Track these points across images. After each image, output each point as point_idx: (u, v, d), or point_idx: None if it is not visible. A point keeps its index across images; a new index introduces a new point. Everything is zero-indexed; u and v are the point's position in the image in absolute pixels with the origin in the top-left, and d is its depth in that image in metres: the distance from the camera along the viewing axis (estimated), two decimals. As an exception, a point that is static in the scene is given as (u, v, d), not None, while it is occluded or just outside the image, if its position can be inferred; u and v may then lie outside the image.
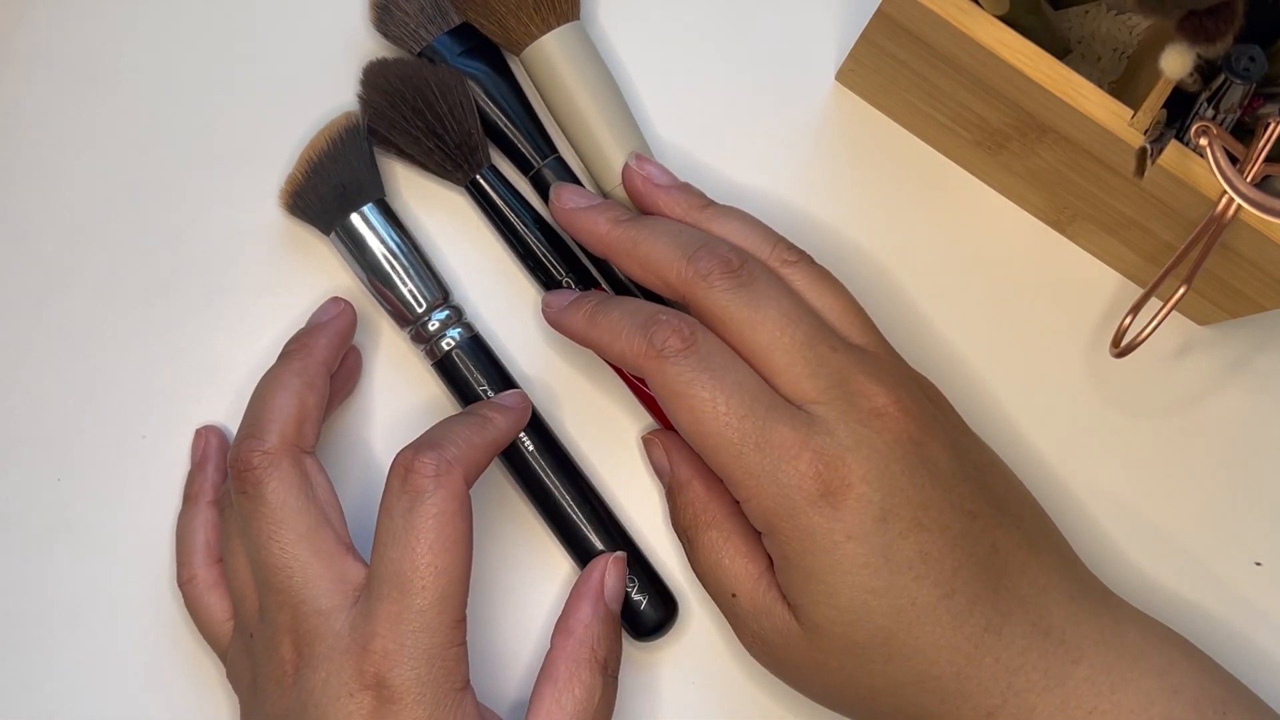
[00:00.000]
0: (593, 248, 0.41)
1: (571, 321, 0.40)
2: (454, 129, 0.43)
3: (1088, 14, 0.46)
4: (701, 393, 0.36)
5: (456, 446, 0.37)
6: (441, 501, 0.36)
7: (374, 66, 0.44)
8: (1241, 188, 0.36)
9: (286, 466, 0.38)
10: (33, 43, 0.46)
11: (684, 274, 0.38)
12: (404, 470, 0.37)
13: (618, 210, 0.41)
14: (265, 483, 0.37)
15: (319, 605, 0.36)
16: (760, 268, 0.38)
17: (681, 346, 0.37)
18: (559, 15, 0.44)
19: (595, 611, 0.39)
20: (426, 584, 0.35)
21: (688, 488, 0.40)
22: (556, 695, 0.38)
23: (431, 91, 0.42)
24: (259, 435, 0.38)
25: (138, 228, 0.46)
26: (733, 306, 0.37)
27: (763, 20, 0.48)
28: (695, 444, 0.37)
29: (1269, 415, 0.47)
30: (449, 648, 0.36)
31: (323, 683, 0.35)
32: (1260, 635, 0.45)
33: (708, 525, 0.39)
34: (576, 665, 0.38)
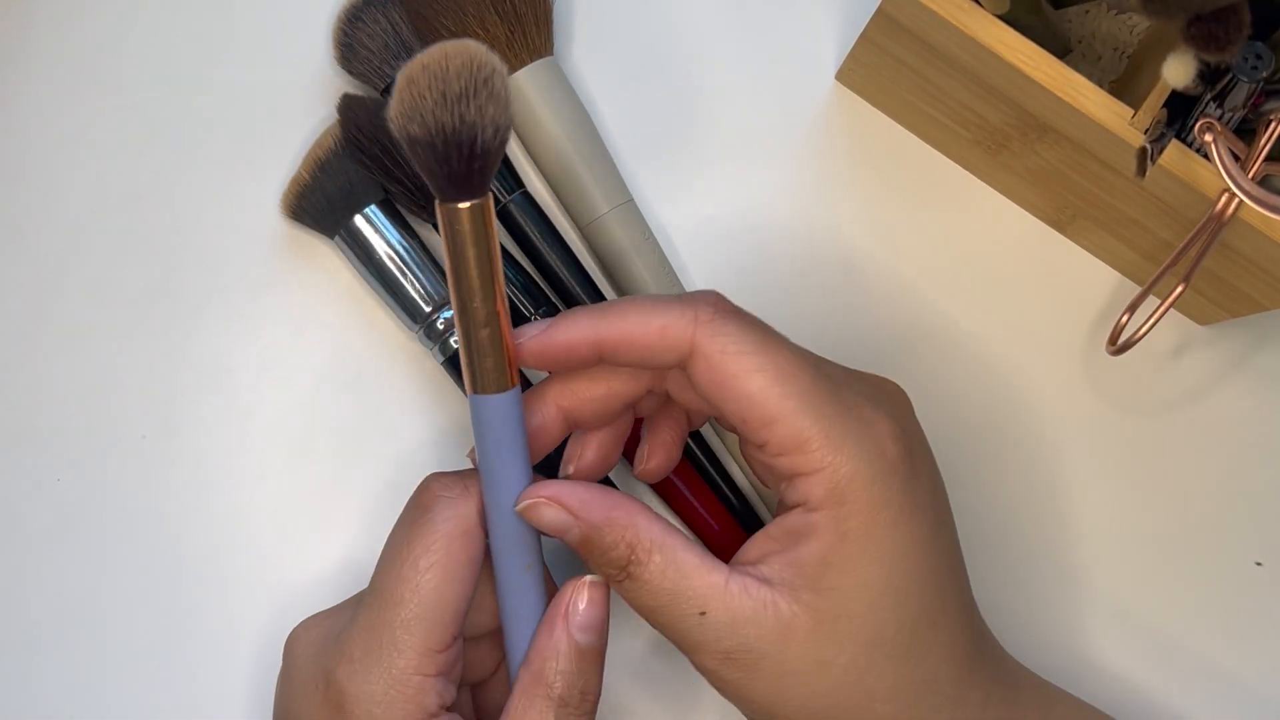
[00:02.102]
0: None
1: (573, 326, 0.35)
2: (413, 173, 0.42)
3: (1088, 13, 0.46)
4: (770, 349, 0.34)
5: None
6: (447, 522, 0.35)
7: (342, 104, 0.43)
8: (1245, 184, 0.36)
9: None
10: (33, 43, 0.46)
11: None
12: (422, 487, 0.36)
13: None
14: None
15: (347, 606, 0.37)
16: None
17: (731, 307, 0.34)
18: (532, 51, 0.44)
19: (554, 642, 0.35)
20: (406, 599, 0.34)
21: (608, 526, 0.34)
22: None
23: (389, 138, 0.42)
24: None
25: (137, 228, 0.46)
26: (746, 327, 0.35)
27: (763, 20, 0.48)
28: (762, 412, 0.33)
29: (1268, 415, 0.47)
30: (414, 675, 0.34)
31: (304, 668, 0.36)
32: (1260, 635, 0.45)
33: (649, 550, 0.34)
34: (529, 702, 0.35)
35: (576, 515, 0.35)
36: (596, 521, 0.34)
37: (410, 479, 0.44)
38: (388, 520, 0.44)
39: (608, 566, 0.35)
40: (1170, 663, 0.45)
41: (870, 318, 0.46)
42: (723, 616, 0.34)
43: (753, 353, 0.34)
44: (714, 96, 0.47)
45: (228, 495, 0.44)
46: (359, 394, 0.45)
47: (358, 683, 0.34)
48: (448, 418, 0.45)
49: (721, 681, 0.35)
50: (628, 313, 0.35)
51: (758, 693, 0.34)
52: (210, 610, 0.44)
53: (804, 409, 0.33)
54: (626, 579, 0.35)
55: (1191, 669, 0.45)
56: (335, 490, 0.44)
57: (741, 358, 0.34)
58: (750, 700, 0.35)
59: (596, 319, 0.35)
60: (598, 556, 0.35)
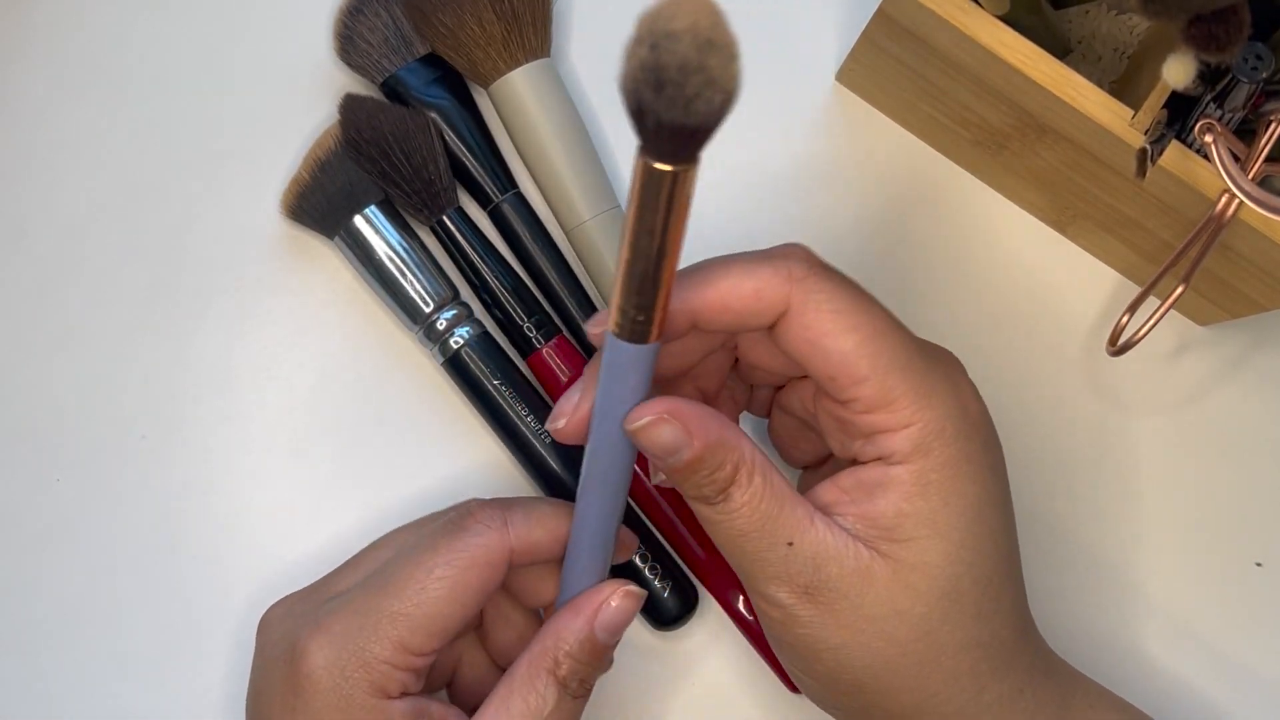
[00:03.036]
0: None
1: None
2: (410, 176, 0.43)
3: (1088, 14, 0.46)
4: (863, 308, 0.34)
5: (525, 518, 0.36)
6: (474, 547, 0.35)
7: (343, 104, 0.43)
8: (1245, 185, 0.36)
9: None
10: (33, 43, 0.46)
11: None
12: (464, 508, 0.37)
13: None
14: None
15: (336, 586, 0.37)
16: None
17: (819, 264, 0.34)
18: (528, 51, 0.44)
19: (577, 632, 0.36)
20: (406, 596, 0.35)
21: (720, 446, 0.34)
22: (507, 696, 0.36)
23: (387, 140, 0.42)
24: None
25: (138, 227, 0.46)
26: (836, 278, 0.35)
27: (763, 20, 0.48)
28: (854, 370, 0.34)
29: (1268, 415, 0.47)
30: (383, 664, 0.34)
31: (275, 642, 0.36)
32: (1261, 635, 0.45)
33: (750, 474, 0.34)
34: (536, 671, 0.36)
35: (693, 433, 0.34)
36: (711, 441, 0.34)
37: (410, 479, 0.44)
38: (387, 520, 0.44)
39: (708, 486, 0.34)
40: (1169, 661, 0.45)
41: (870, 318, 0.46)
42: (809, 550, 0.34)
43: (847, 311, 0.34)
44: (714, 96, 0.47)
45: (228, 495, 0.44)
46: (359, 394, 0.45)
47: (328, 653, 0.34)
48: (448, 418, 0.45)
49: (792, 618, 0.34)
50: (718, 278, 0.34)
51: (829, 634, 0.34)
52: (210, 610, 0.44)
53: (894, 368, 0.34)
54: (724, 500, 0.34)
55: (1191, 668, 0.45)
56: (335, 490, 0.44)
57: (837, 316, 0.34)
58: (819, 642, 0.35)
59: (687, 290, 0.34)
60: (702, 476, 0.34)
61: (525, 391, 0.43)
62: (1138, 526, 0.46)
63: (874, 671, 0.34)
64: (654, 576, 0.42)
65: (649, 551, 0.42)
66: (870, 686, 0.35)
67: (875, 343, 0.34)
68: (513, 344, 0.44)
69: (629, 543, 0.39)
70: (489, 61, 0.44)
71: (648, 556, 0.42)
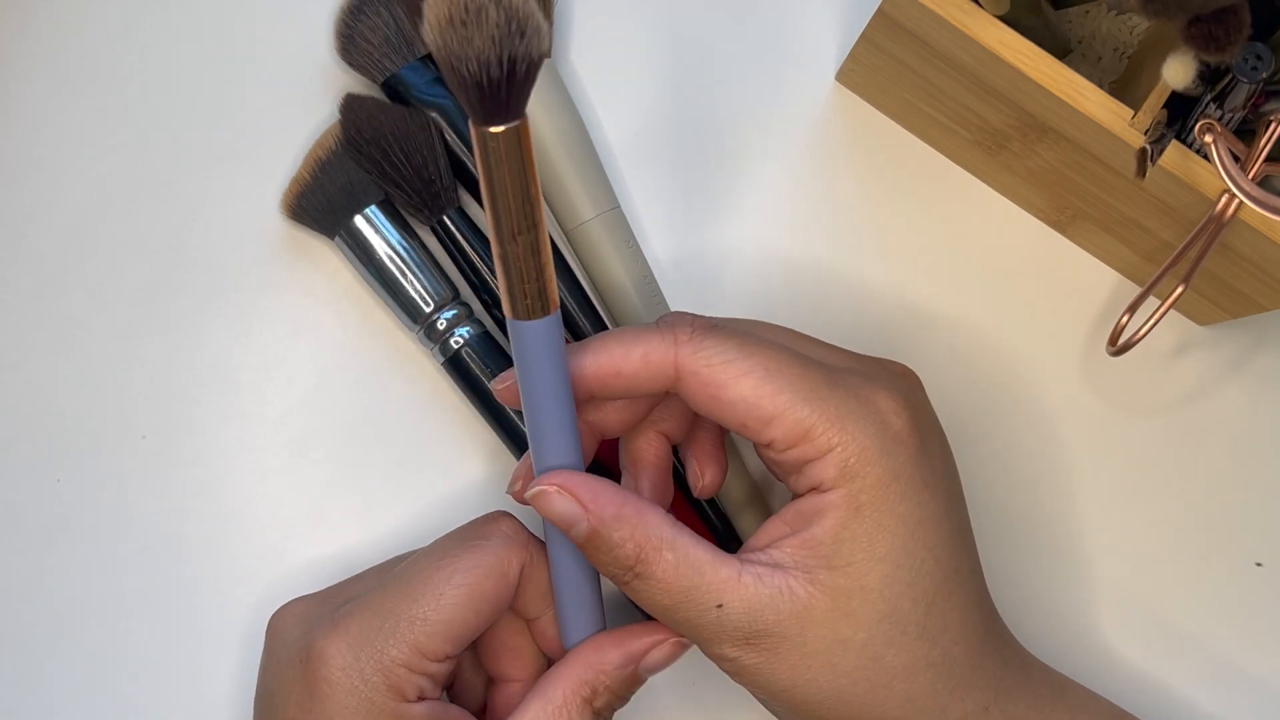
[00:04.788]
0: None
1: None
2: (411, 176, 0.43)
3: (1088, 14, 0.46)
4: (752, 351, 0.34)
5: (542, 554, 0.37)
6: (492, 555, 0.36)
7: (343, 104, 0.43)
8: (1245, 185, 0.36)
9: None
10: (33, 44, 0.46)
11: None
12: (490, 517, 0.37)
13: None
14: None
15: (351, 591, 0.37)
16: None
17: (707, 325, 0.35)
18: None
19: (622, 666, 0.37)
20: (424, 600, 0.35)
21: (616, 522, 0.34)
22: (543, 717, 0.36)
23: (387, 140, 0.42)
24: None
25: (138, 227, 0.46)
26: (730, 323, 0.36)
27: (763, 21, 0.48)
28: (759, 412, 0.34)
29: (1268, 415, 0.47)
30: (400, 667, 0.35)
31: (290, 643, 0.36)
32: (1261, 636, 0.45)
33: (659, 548, 0.34)
34: (574, 698, 0.36)
35: (587, 507, 0.34)
36: (606, 517, 0.34)
37: (410, 479, 0.44)
38: (388, 520, 0.44)
39: (614, 565, 0.34)
40: (1170, 662, 0.45)
41: (870, 318, 0.46)
42: (739, 606, 0.34)
43: (736, 359, 0.34)
44: (714, 97, 0.47)
45: (228, 495, 0.44)
46: (359, 394, 0.45)
47: (346, 656, 0.34)
48: (448, 418, 0.45)
49: (740, 668, 0.35)
50: (606, 348, 0.35)
51: (778, 676, 0.35)
52: (210, 609, 0.44)
53: (799, 399, 0.34)
54: (635, 579, 0.34)
55: (1191, 669, 0.45)
56: (335, 490, 0.44)
57: (726, 366, 0.34)
58: (770, 684, 0.35)
59: (578, 358, 0.35)
60: (604, 554, 0.34)
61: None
62: (1138, 526, 0.46)
63: (828, 704, 0.35)
64: None
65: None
66: (828, 718, 0.35)
67: (773, 381, 0.34)
68: (513, 344, 0.44)
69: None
70: None
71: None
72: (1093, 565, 0.45)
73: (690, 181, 0.47)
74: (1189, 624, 0.45)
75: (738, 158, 0.47)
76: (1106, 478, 0.46)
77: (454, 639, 0.35)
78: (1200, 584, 0.46)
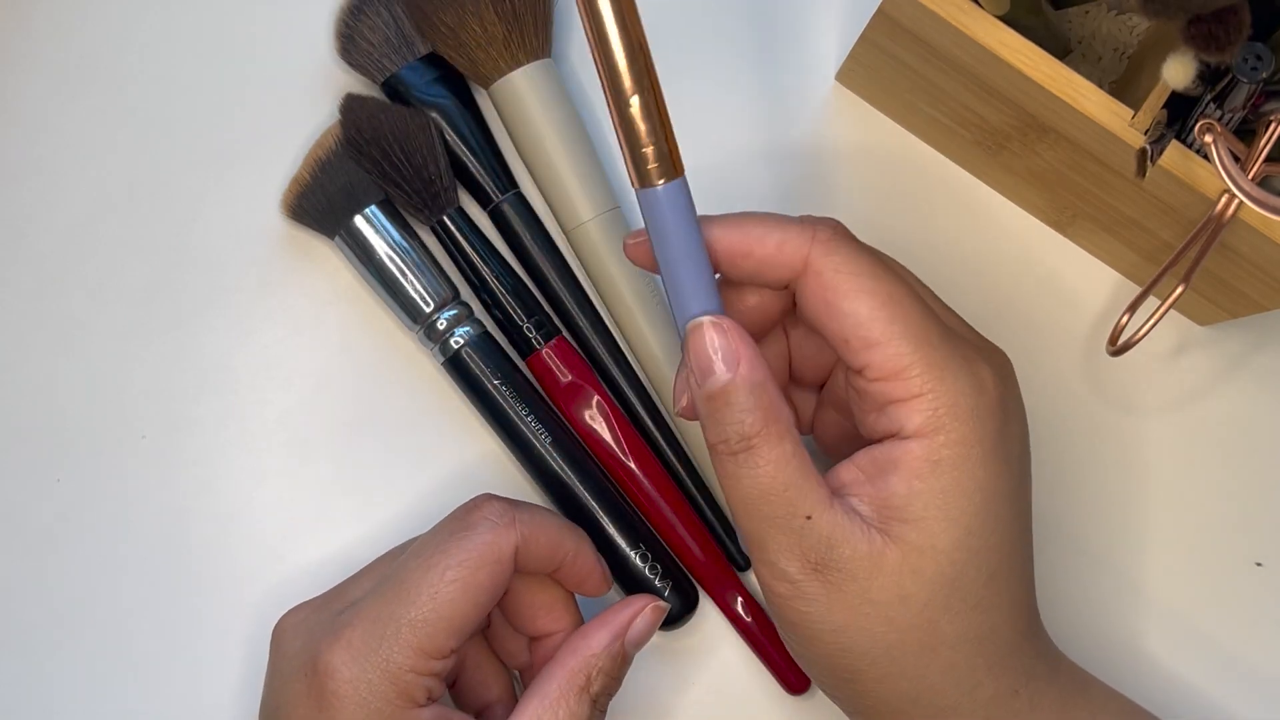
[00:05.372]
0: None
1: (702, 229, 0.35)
2: (411, 176, 0.43)
3: (1088, 14, 0.46)
4: (882, 275, 0.34)
5: (530, 516, 0.37)
6: (482, 545, 0.36)
7: (343, 104, 0.44)
8: (1245, 185, 0.36)
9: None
10: (33, 44, 0.46)
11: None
12: (473, 504, 0.37)
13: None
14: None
15: (349, 595, 0.37)
16: None
17: (846, 233, 0.35)
18: (529, 52, 0.44)
19: (610, 646, 0.37)
20: (421, 602, 0.35)
21: (762, 389, 0.33)
22: (540, 712, 0.36)
23: (388, 140, 0.42)
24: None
25: (138, 227, 0.46)
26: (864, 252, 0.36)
27: (763, 21, 0.48)
28: (866, 333, 0.34)
29: (1268, 415, 0.47)
30: (407, 673, 0.35)
31: (293, 655, 0.36)
32: (1261, 635, 0.45)
33: (782, 434, 0.33)
34: (569, 688, 0.36)
35: (740, 359, 0.33)
36: (755, 378, 0.33)
37: (410, 479, 0.44)
38: (387, 520, 0.44)
39: (733, 428, 0.33)
40: (1170, 662, 0.45)
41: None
42: (825, 527, 0.33)
43: (865, 275, 0.34)
44: (714, 97, 0.47)
45: (228, 495, 0.44)
46: (359, 394, 0.45)
47: (352, 667, 0.34)
48: (448, 418, 0.45)
49: (798, 594, 0.34)
50: (744, 225, 0.35)
51: (833, 615, 0.34)
52: (211, 610, 0.44)
53: (908, 336, 0.34)
54: (745, 451, 0.34)
55: (1191, 668, 0.45)
56: (335, 490, 0.44)
57: (853, 278, 0.34)
58: (822, 621, 0.34)
59: (717, 230, 0.35)
60: (730, 413, 0.33)
61: (525, 392, 0.43)
62: (1138, 526, 0.46)
63: (872, 656, 0.34)
64: (654, 576, 0.42)
65: (649, 551, 0.42)
66: (867, 672, 0.35)
67: (890, 309, 0.34)
68: (512, 344, 0.44)
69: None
70: (490, 62, 0.44)
71: (648, 556, 0.42)
72: (1092, 565, 0.45)
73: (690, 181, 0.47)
74: (1189, 624, 0.45)
75: (738, 157, 0.47)
76: (1106, 478, 0.46)
77: (456, 633, 0.35)
78: (1200, 584, 0.46)
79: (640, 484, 0.43)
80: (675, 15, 0.47)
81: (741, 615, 0.43)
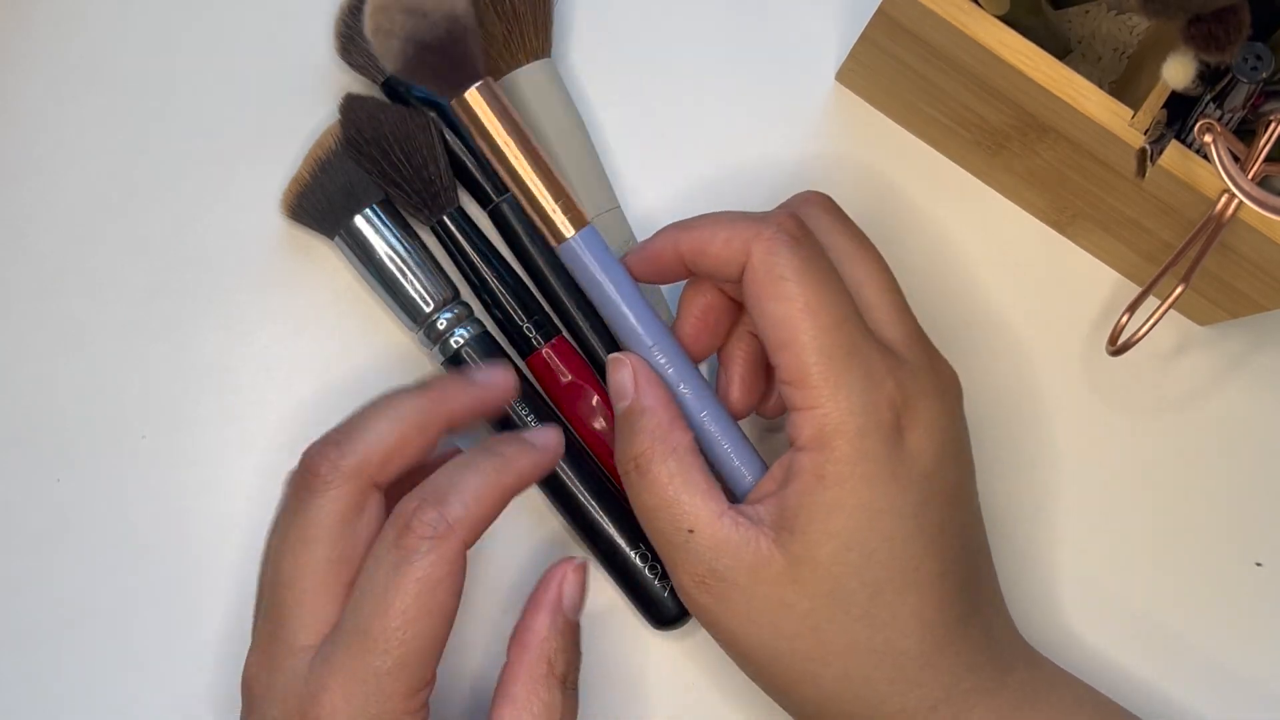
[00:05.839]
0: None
1: (660, 237, 0.39)
2: (411, 176, 0.43)
3: (1088, 14, 0.46)
4: (808, 282, 0.35)
5: (463, 504, 0.35)
6: (429, 567, 0.34)
7: (343, 104, 0.43)
8: (1245, 185, 0.36)
9: (348, 491, 0.36)
10: (33, 44, 0.46)
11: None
12: (402, 524, 0.34)
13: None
14: (319, 495, 0.36)
15: (296, 640, 0.35)
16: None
17: (798, 234, 0.36)
18: (529, 52, 0.44)
19: (553, 623, 0.37)
20: (390, 648, 0.33)
21: (650, 413, 0.37)
22: (516, 713, 0.36)
23: (388, 140, 0.42)
24: (342, 447, 0.36)
25: (137, 228, 0.46)
26: (838, 237, 0.38)
27: (763, 21, 0.48)
28: (780, 335, 0.36)
29: (1268, 415, 0.47)
30: (402, 715, 0.34)
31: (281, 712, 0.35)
32: (1261, 635, 0.45)
33: (666, 455, 0.37)
34: (534, 682, 0.36)
35: (638, 390, 0.38)
36: (644, 404, 0.37)
37: (410, 479, 0.44)
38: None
39: (626, 450, 0.38)
40: (1170, 663, 0.45)
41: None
42: (706, 541, 0.36)
43: (791, 280, 0.36)
44: (714, 97, 0.47)
45: (228, 495, 0.44)
46: (359, 395, 0.45)
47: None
48: (448, 418, 0.45)
49: (694, 605, 0.37)
50: (703, 225, 0.38)
51: (725, 622, 0.36)
52: (211, 610, 0.44)
53: (815, 345, 0.35)
54: (634, 470, 0.37)
55: (1191, 669, 0.45)
56: (335, 490, 0.44)
57: (780, 282, 0.36)
58: (717, 628, 0.37)
59: (678, 230, 0.38)
60: (625, 436, 0.38)
61: (525, 392, 0.43)
62: (1137, 526, 0.46)
63: (765, 662, 0.36)
64: (654, 576, 0.42)
65: (649, 551, 0.42)
66: (768, 677, 0.37)
67: (806, 316, 0.35)
68: (512, 344, 0.44)
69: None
70: (490, 61, 0.44)
71: (647, 556, 0.42)
72: (1093, 564, 0.45)
73: (690, 181, 0.47)
74: (1189, 624, 0.45)
75: (738, 157, 0.47)
76: (1106, 478, 0.46)
77: (434, 658, 0.34)
78: (1200, 584, 0.46)
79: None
80: (675, 16, 0.48)
81: None
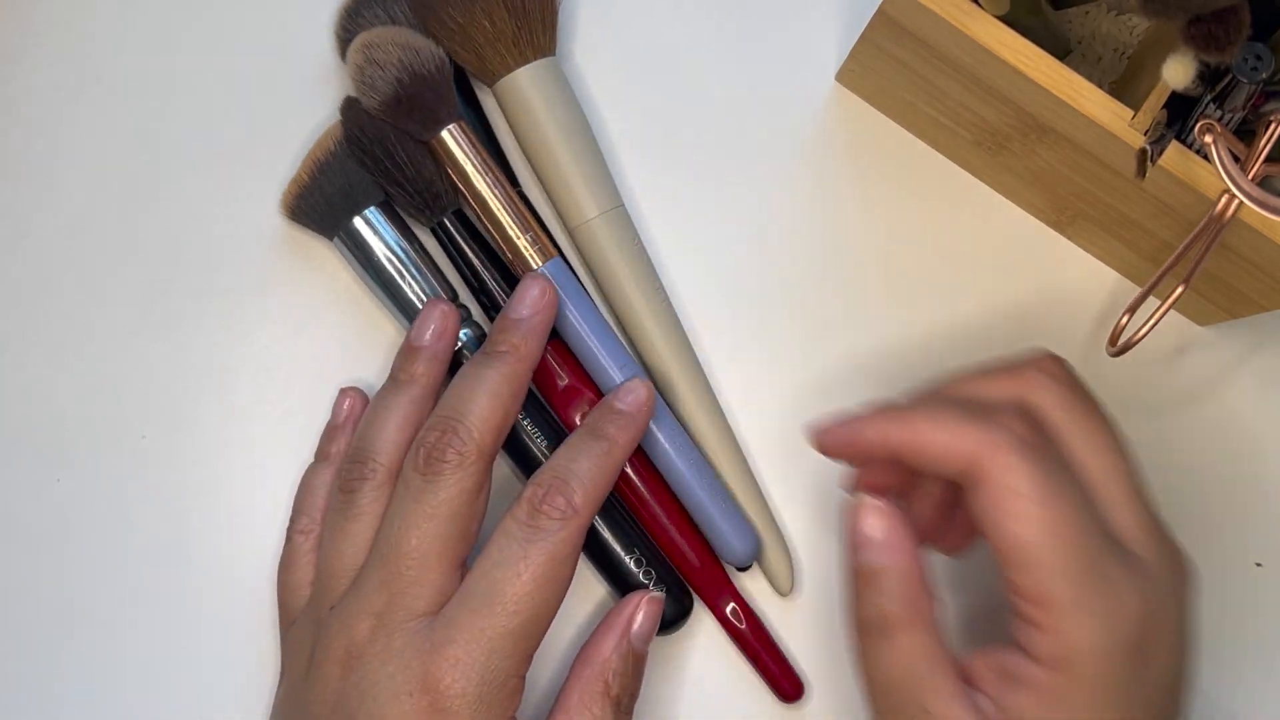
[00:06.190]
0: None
1: (872, 428, 0.36)
2: (413, 176, 0.43)
3: (1088, 14, 0.46)
4: (1049, 501, 0.33)
5: (584, 490, 0.38)
6: (558, 544, 0.37)
7: (345, 104, 0.43)
8: (1245, 186, 0.36)
9: (474, 473, 0.38)
10: (33, 44, 0.46)
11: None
12: (534, 506, 0.38)
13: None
14: (448, 478, 0.38)
15: (416, 606, 0.37)
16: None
17: (1033, 441, 0.34)
18: (536, 49, 0.44)
19: (618, 647, 0.39)
20: (519, 610, 0.36)
21: (907, 578, 0.35)
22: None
23: (390, 141, 0.42)
24: (463, 431, 0.38)
25: (138, 227, 0.46)
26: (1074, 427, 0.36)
27: (763, 21, 0.48)
28: (1018, 557, 0.33)
29: (1268, 415, 0.47)
30: (511, 678, 0.36)
31: (389, 676, 0.36)
32: (1260, 636, 0.45)
33: (914, 626, 0.35)
34: (589, 696, 0.38)
35: (895, 547, 0.35)
36: (902, 568, 0.35)
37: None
38: (388, 520, 0.44)
39: (874, 608, 0.35)
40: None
41: (870, 319, 0.46)
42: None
43: (1031, 499, 0.33)
44: (715, 97, 0.47)
45: (228, 495, 0.44)
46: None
47: (463, 683, 0.36)
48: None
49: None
50: (920, 421, 0.35)
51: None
52: (211, 610, 0.44)
53: (1059, 571, 0.33)
54: (880, 633, 0.35)
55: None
56: (335, 490, 0.44)
57: (1019, 500, 0.33)
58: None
59: (891, 424, 0.35)
60: (873, 594, 0.35)
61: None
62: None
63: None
64: (649, 581, 0.42)
65: (644, 556, 0.43)
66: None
67: (1048, 539, 0.33)
68: (512, 345, 0.44)
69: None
70: (498, 58, 0.44)
71: (643, 561, 0.42)
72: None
73: (692, 180, 0.47)
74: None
75: (739, 157, 0.47)
76: (1106, 478, 0.46)
77: (548, 627, 0.37)
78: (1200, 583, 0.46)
79: (635, 488, 0.43)
80: (678, 15, 0.48)
81: (735, 622, 0.43)
